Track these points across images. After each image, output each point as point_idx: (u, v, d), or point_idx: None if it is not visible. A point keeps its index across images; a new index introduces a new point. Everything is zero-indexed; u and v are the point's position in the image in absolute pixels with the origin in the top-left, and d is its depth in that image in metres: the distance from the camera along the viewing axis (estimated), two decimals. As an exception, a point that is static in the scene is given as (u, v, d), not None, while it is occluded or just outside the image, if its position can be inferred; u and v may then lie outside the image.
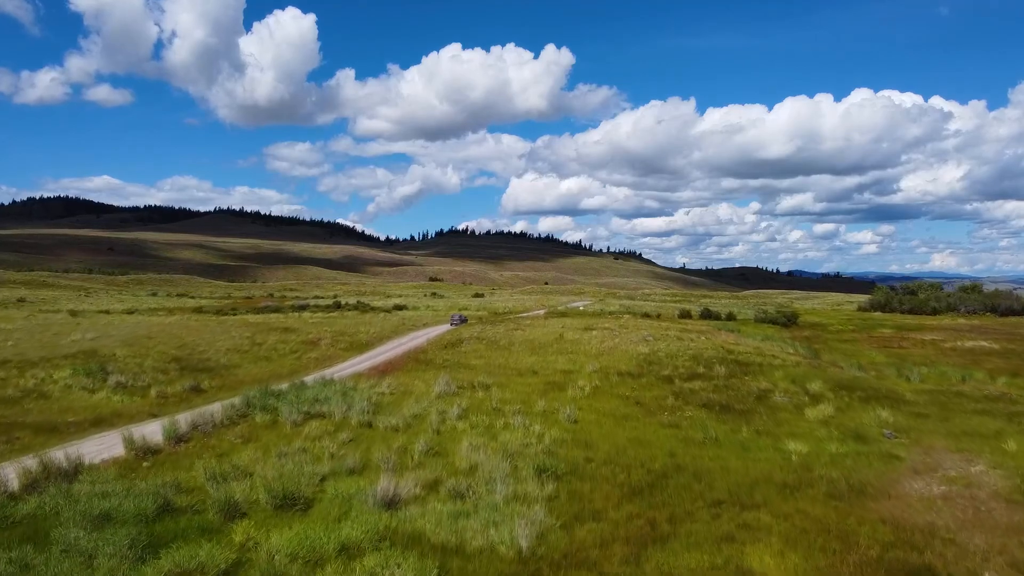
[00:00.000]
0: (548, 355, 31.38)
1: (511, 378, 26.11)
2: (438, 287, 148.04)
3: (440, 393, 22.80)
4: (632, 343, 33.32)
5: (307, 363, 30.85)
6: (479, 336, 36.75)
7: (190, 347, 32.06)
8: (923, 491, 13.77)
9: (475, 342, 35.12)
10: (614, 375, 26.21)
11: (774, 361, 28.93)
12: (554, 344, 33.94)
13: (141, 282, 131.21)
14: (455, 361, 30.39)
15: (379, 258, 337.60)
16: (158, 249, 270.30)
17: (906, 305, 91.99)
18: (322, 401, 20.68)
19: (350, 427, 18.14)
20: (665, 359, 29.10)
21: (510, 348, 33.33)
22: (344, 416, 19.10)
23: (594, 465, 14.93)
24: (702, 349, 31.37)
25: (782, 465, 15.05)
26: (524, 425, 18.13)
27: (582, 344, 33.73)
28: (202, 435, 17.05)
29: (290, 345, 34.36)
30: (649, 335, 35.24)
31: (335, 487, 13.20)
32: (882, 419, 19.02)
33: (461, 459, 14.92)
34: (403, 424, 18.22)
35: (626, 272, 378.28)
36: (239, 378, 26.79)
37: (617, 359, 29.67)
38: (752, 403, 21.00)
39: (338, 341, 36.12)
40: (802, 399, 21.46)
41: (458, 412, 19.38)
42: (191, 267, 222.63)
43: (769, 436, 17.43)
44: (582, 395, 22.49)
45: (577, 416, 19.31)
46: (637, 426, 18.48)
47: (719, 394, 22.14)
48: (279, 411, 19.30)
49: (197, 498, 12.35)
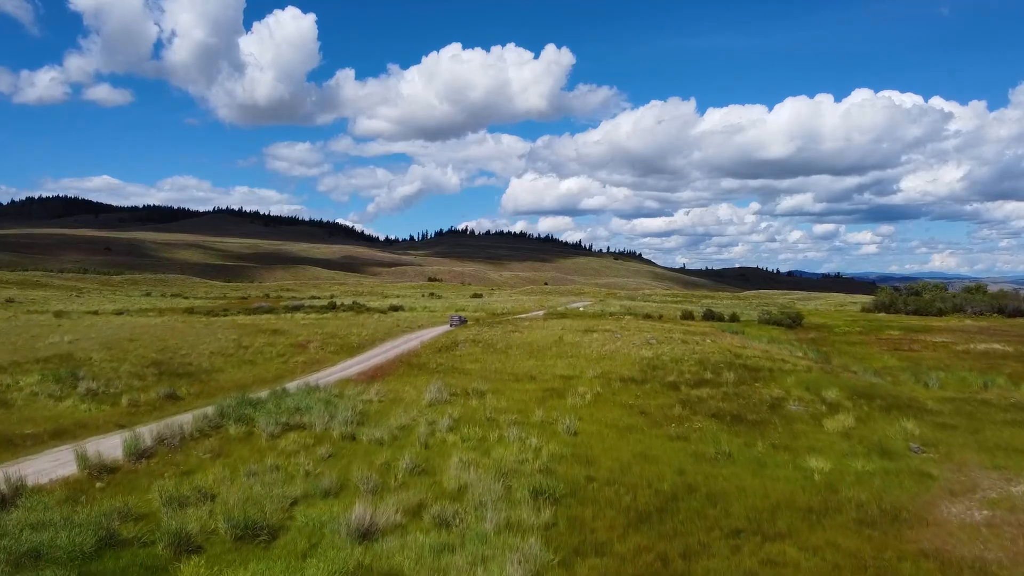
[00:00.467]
0: (547, 359, 29.95)
1: (507, 384, 24.68)
2: (436, 287, 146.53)
3: (431, 401, 21.37)
4: (635, 346, 31.89)
5: (294, 367, 29.42)
6: (475, 339, 35.32)
7: (172, 350, 30.62)
8: (964, 517, 12.34)
9: (471, 345, 33.69)
10: (616, 381, 24.78)
11: (784, 366, 27.50)
12: (553, 347, 32.51)
13: (136, 282, 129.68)
14: (449, 365, 28.96)
15: (378, 258, 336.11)
16: (156, 249, 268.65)
17: (911, 306, 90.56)
18: (303, 410, 19.25)
19: (331, 440, 16.71)
20: (670, 364, 27.67)
21: (507, 352, 31.89)
22: (325, 427, 17.67)
23: (596, 485, 13.51)
24: (708, 353, 29.94)
25: (804, 485, 13.62)
26: (520, 438, 16.70)
27: (582, 347, 32.31)
28: (168, 450, 15.61)
29: (277, 348, 32.93)
30: (652, 338, 33.82)
31: (306, 513, 11.78)
32: (907, 431, 17.59)
33: (449, 478, 13.49)
34: (389, 437, 16.80)
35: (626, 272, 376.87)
36: (220, 384, 25.36)
37: (619, 364, 28.24)
38: (765, 413, 19.57)
39: (328, 344, 34.68)
40: (819, 408, 20.02)
41: (449, 423, 17.95)
42: (189, 267, 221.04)
43: (787, 451, 16.00)
44: (582, 403, 21.06)
45: (577, 427, 17.88)
46: (642, 439, 17.04)
47: (729, 403, 20.70)
48: (255, 422, 17.87)
49: (148, 527, 10.93)
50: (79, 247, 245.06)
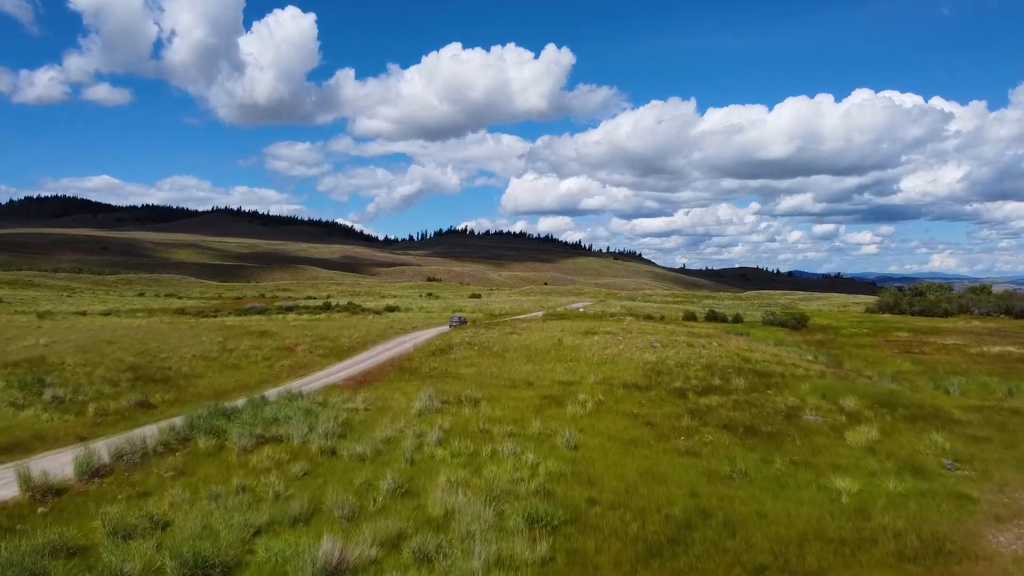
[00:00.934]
0: (545, 363, 28.51)
1: (503, 391, 23.24)
2: (434, 287, 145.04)
3: (421, 410, 19.93)
4: (637, 349, 30.44)
5: (279, 372, 27.97)
6: (471, 341, 33.87)
7: (152, 353, 29.16)
8: (1015, 548, 10.91)
9: (466, 348, 32.24)
10: (619, 388, 23.34)
11: (796, 371, 26.06)
12: (552, 351, 31.06)
13: (130, 282, 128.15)
14: (443, 370, 27.51)
15: (377, 258, 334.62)
16: (153, 249, 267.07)
17: (916, 307, 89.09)
18: (281, 421, 17.81)
19: (308, 455, 15.28)
20: (675, 368, 26.22)
21: (504, 355, 30.44)
22: (304, 441, 16.24)
23: (599, 510, 12.08)
24: (715, 357, 28.49)
25: (832, 510, 12.18)
26: (515, 453, 15.27)
27: (583, 351, 30.86)
28: (126, 467, 14.17)
29: (264, 351, 31.48)
30: (656, 340, 32.37)
31: (269, 546, 10.34)
32: (938, 445, 16.15)
33: (435, 502, 12.06)
34: (372, 452, 15.36)
35: (626, 272, 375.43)
36: (199, 390, 23.91)
37: (622, 368, 26.80)
38: (781, 424, 18.12)
39: (317, 347, 33.22)
40: (838, 419, 18.58)
41: (438, 436, 16.51)
42: (186, 267, 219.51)
43: (808, 468, 14.55)
44: (583, 412, 19.62)
45: (578, 440, 16.45)
46: (649, 454, 15.60)
47: (741, 412, 19.25)
48: (228, 434, 16.43)
49: (83, 566, 9.49)
50: (76, 247, 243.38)
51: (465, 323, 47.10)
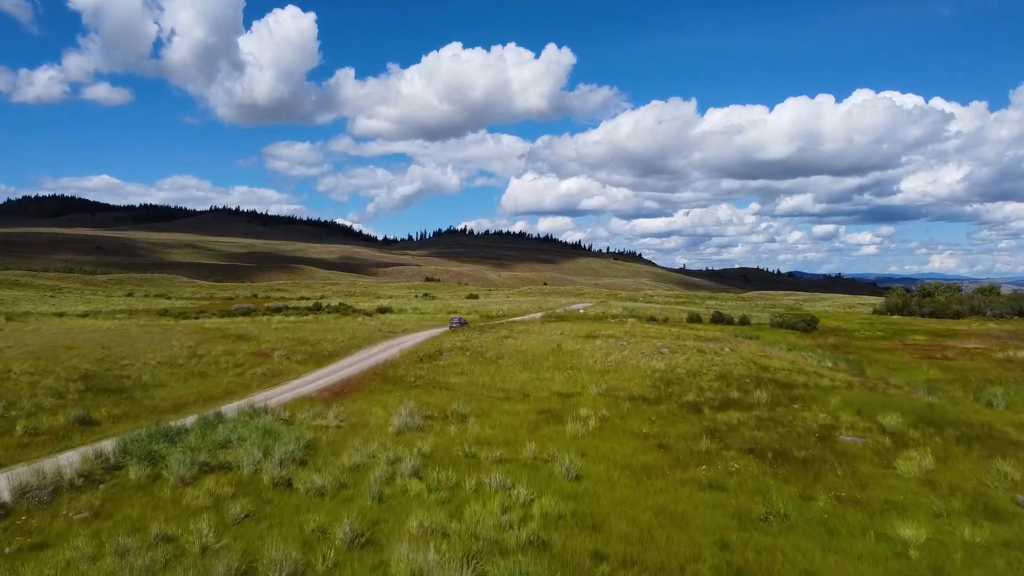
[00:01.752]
0: (543, 371, 26.00)
1: (495, 404, 20.73)
2: (431, 288, 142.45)
3: (400, 428, 17.44)
4: (643, 356, 27.93)
5: (250, 380, 25.46)
6: (463, 346, 31.36)
7: (112, 360, 26.65)
8: None
9: (457, 353, 29.73)
10: (625, 400, 20.83)
11: (820, 381, 23.55)
12: (550, 357, 28.55)
13: (121, 282, 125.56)
14: (430, 379, 25.00)
15: (375, 258, 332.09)
16: (149, 249, 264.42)
17: (926, 308, 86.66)
18: (234, 444, 15.31)
19: (257, 489, 12.78)
20: (687, 378, 23.71)
21: (498, 362, 27.93)
22: (255, 469, 13.74)
23: (608, 569, 9.57)
24: (729, 364, 25.98)
25: (902, 570, 9.68)
26: (505, 486, 12.76)
27: (584, 357, 28.36)
28: (31, 507, 11.66)
29: (236, 357, 28.96)
30: (663, 346, 29.85)
31: (172, 631, 7.83)
32: (1006, 475, 13.64)
33: (399, 562, 9.52)
34: (334, 484, 12.85)
35: (626, 273, 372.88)
36: (155, 403, 21.40)
37: (627, 377, 24.29)
38: (816, 447, 15.61)
39: (296, 352, 30.69)
40: (880, 441, 16.07)
41: (415, 463, 13.99)
42: (181, 267, 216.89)
43: (859, 508, 12.03)
44: (585, 432, 17.11)
45: (579, 468, 13.94)
46: (665, 487, 13.08)
47: (768, 432, 16.75)
48: (167, 462, 13.90)
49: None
50: (70, 246, 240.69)
51: (466, 324, 45.33)
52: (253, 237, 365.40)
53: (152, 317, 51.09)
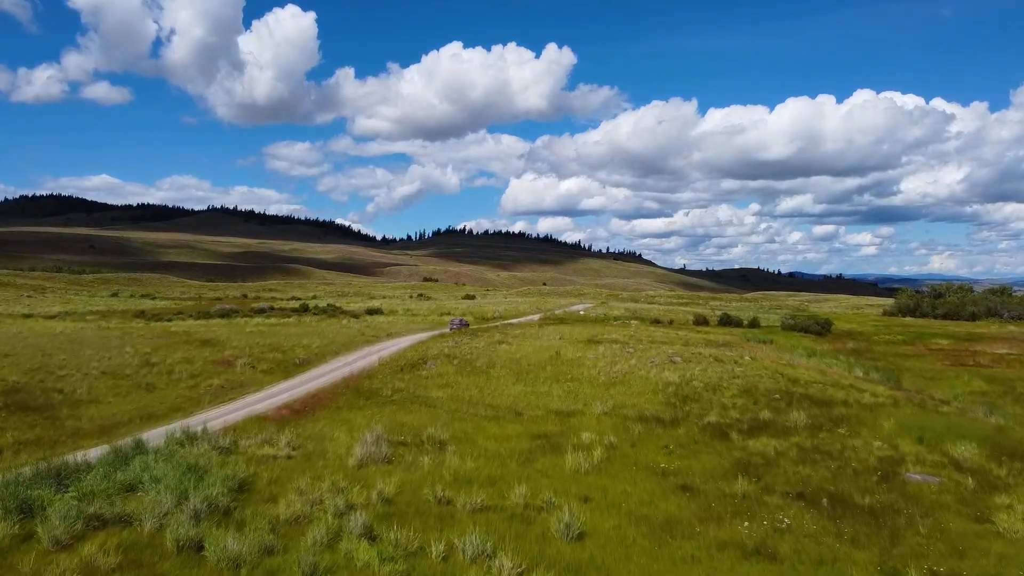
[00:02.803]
0: (539, 383, 22.79)
1: (482, 426, 17.52)
2: (427, 288, 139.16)
3: (363, 459, 14.24)
4: (653, 365, 24.71)
5: (203, 394, 22.21)
6: (451, 353, 28.13)
7: (50, 369, 23.42)
8: None
9: (443, 362, 26.51)
10: (635, 421, 17.63)
11: (861, 396, 20.33)
12: (548, 366, 25.34)
13: (108, 282, 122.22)
14: (409, 392, 21.78)
15: (373, 258, 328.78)
16: (143, 248, 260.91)
17: (939, 309, 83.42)
18: (144, 486, 12.10)
19: (155, 557, 9.58)
20: (705, 393, 20.49)
21: (489, 372, 24.71)
22: (160, 524, 10.53)
23: None
24: (752, 376, 22.75)
25: None
26: (482, 554, 9.56)
27: (585, 366, 25.14)
28: None
29: (195, 365, 25.73)
30: (675, 354, 26.61)
31: None
32: None
33: None
34: (257, 549, 9.65)
35: (626, 273, 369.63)
36: (80, 424, 18.17)
37: (636, 392, 21.07)
38: (881, 490, 12.39)
39: (263, 359, 27.43)
40: (960, 481, 12.84)
41: (367, 519, 10.75)
42: (175, 267, 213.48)
43: (968, 591, 8.80)
44: (589, 464, 13.89)
45: (583, 522, 10.73)
46: (697, 554, 9.85)
47: (815, 467, 13.52)
48: (47, 515, 10.68)
49: None
50: (63, 246, 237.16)
51: (467, 325, 42.93)
52: (250, 237, 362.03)
53: (124, 319, 47.85)
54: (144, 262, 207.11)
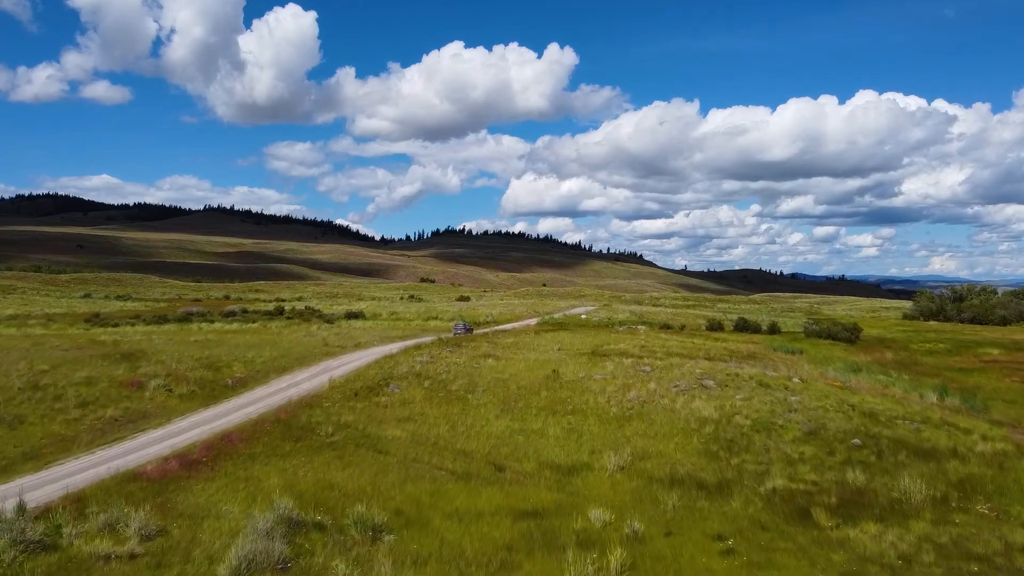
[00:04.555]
0: (530, 416, 17.32)
1: (444, 491, 12.06)
2: (422, 289, 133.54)
3: (241, 566, 8.80)
4: (679, 391, 19.22)
5: (84, 431, 16.70)
6: (423, 371, 22.67)
7: None
8: None
9: (412, 383, 21.04)
10: (666, 485, 12.17)
11: (970, 441, 14.87)
12: (542, 391, 19.85)
13: (86, 282, 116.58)
14: (357, 430, 16.30)
15: (370, 258, 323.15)
16: (134, 247, 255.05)
17: (966, 313, 78.01)
18: None
19: None
20: (755, 435, 15.01)
21: (466, 398, 19.24)
22: None
23: None
24: (813, 407, 17.24)
25: None
26: None
27: (591, 390, 19.67)
28: None
29: (96, 389, 20.23)
30: (705, 375, 21.08)
31: None
32: None
33: None
34: None
35: (627, 274, 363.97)
36: None
37: (661, 432, 15.58)
38: None
39: (185, 379, 21.91)
40: None
41: None
42: (164, 267, 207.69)
43: None
44: (605, 582, 8.42)
45: None
46: None
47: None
48: None
49: None
50: (51, 245, 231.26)
51: (471, 331, 38.77)
52: (245, 237, 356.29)
53: (67, 324, 42.39)
54: (133, 262, 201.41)
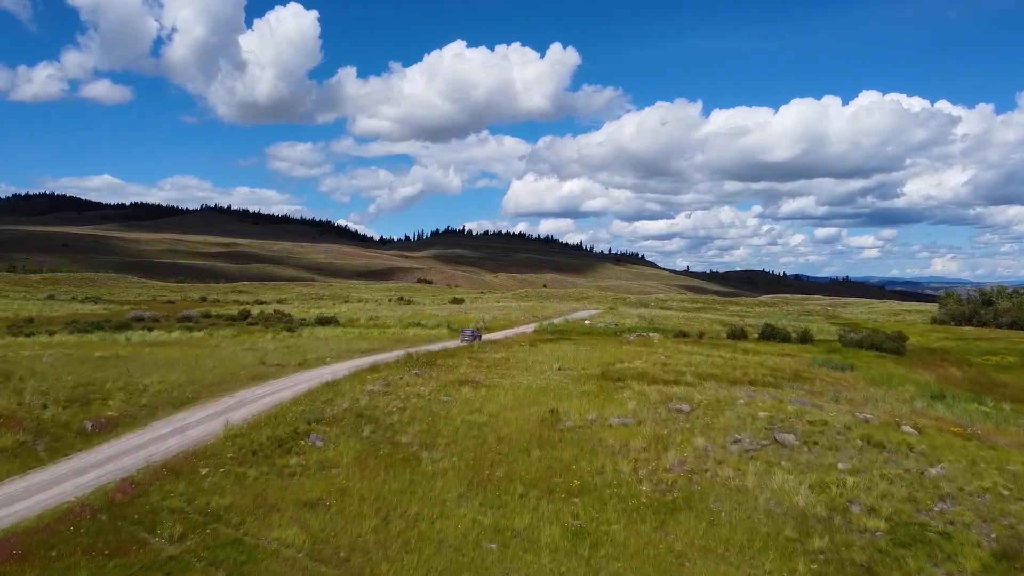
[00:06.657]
0: (512, 504, 10.83)
1: None
2: (414, 291, 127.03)
3: None
4: (744, 452, 12.71)
5: None
6: (366, 409, 16.17)
7: None
8: None
9: (345, 431, 14.53)
10: None
11: None
12: (535, 447, 13.34)
13: (57, 282, 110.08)
14: (225, 529, 9.79)
15: (367, 258, 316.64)
16: (123, 247, 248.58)
17: (1004, 318, 71.63)
18: None
19: None
20: (905, 556, 8.49)
21: (418, 460, 12.74)
22: None
23: None
24: (979, 493, 10.72)
25: None
26: None
27: (607, 450, 13.19)
28: None
29: None
30: (776, 424, 14.48)
31: None
32: None
33: None
34: None
35: (630, 275, 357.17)
36: None
37: (736, 548, 9.05)
38: None
39: (22, 422, 15.39)
40: None
41: None
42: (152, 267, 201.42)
43: None
44: None
45: None
46: None
47: None
48: None
49: None
50: (37, 244, 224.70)
51: (478, 337, 34.54)
52: (241, 236, 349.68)
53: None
54: (119, 262, 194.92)
